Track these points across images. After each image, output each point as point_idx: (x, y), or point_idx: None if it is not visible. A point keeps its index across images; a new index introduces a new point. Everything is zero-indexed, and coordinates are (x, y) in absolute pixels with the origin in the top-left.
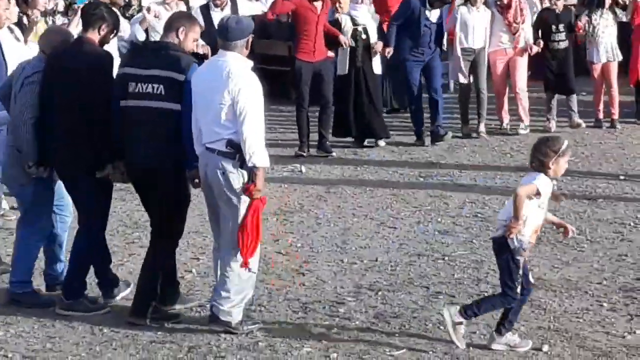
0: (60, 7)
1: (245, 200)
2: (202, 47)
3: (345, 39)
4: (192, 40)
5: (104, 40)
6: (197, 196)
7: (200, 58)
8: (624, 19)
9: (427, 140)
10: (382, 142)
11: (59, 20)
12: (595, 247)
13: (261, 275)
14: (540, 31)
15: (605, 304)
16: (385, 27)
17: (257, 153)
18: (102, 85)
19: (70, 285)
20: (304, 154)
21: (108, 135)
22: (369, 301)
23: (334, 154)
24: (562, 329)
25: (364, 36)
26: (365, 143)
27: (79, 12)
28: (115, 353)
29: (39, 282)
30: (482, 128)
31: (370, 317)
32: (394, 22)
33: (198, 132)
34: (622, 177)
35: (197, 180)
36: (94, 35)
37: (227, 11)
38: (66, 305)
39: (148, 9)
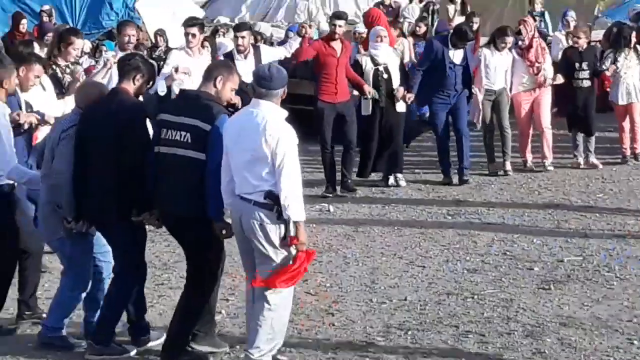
0: (87, 48)
1: (281, 251)
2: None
3: (370, 89)
4: (229, 89)
5: (139, 91)
6: (228, 243)
7: (232, 107)
8: None
9: (455, 178)
10: (401, 180)
11: (86, 62)
12: (625, 285)
13: (291, 316)
14: (564, 69)
15: (635, 342)
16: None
17: (293, 206)
18: (135, 135)
19: (101, 331)
20: (330, 195)
21: (142, 183)
22: (398, 341)
23: (358, 192)
24: None
25: (385, 75)
26: (391, 182)
27: (107, 64)
28: None
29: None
30: (508, 166)
31: (400, 357)
32: (420, 67)
33: (228, 181)
34: None
35: (224, 232)
36: (129, 86)
37: (251, 59)
38: (97, 350)
39: (176, 70)
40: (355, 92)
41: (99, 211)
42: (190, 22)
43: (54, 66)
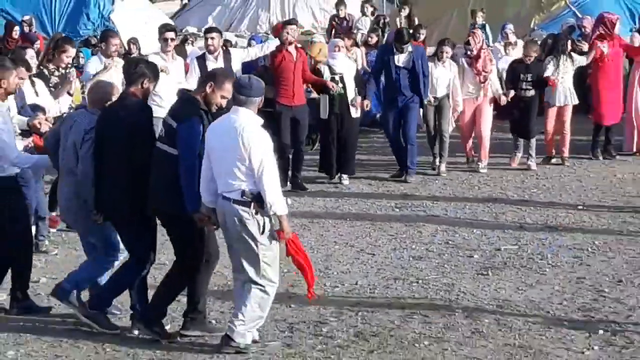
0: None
1: (261, 243)
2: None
3: (333, 84)
4: (219, 96)
5: (147, 93)
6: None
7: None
8: (582, 64)
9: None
10: (345, 179)
11: None
12: (556, 271)
13: None
14: (509, 80)
15: (565, 323)
16: None
17: (277, 202)
18: (143, 135)
19: (99, 298)
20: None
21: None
22: (349, 321)
23: (313, 187)
24: (527, 346)
25: (340, 84)
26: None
27: (108, 67)
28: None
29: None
30: (442, 168)
31: (351, 336)
32: (373, 74)
33: (208, 181)
34: (580, 207)
35: (204, 221)
36: (137, 90)
37: (221, 60)
38: (91, 314)
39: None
40: (315, 95)
41: (112, 208)
42: (167, 28)
43: (44, 70)
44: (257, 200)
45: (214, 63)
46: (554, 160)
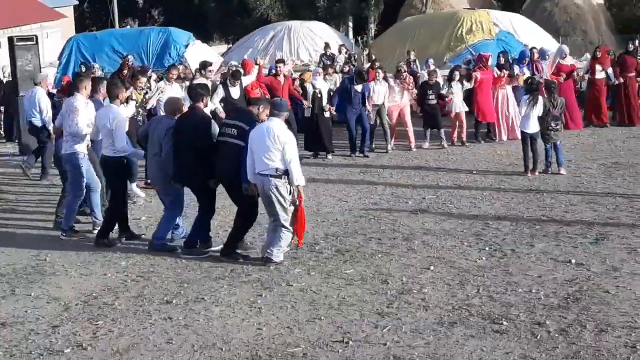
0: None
1: (287, 203)
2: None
3: (308, 103)
4: (265, 115)
5: (205, 105)
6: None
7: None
8: (469, 86)
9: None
10: (329, 156)
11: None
12: (459, 211)
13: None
14: (420, 94)
15: (465, 243)
16: None
17: (299, 177)
18: (204, 134)
19: (189, 241)
20: None
21: (208, 161)
22: (332, 242)
23: (308, 160)
24: (441, 257)
25: (319, 96)
26: (323, 155)
27: (160, 88)
28: (188, 269)
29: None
30: (389, 148)
31: (333, 252)
32: (338, 94)
33: (251, 164)
34: (474, 172)
35: (251, 191)
36: (200, 104)
37: (238, 87)
38: (186, 251)
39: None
40: (307, 104)
41: (188, 179)
42: (203, 64)
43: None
44: (286, 174)
45: (234, 89)
46: (458, 143)
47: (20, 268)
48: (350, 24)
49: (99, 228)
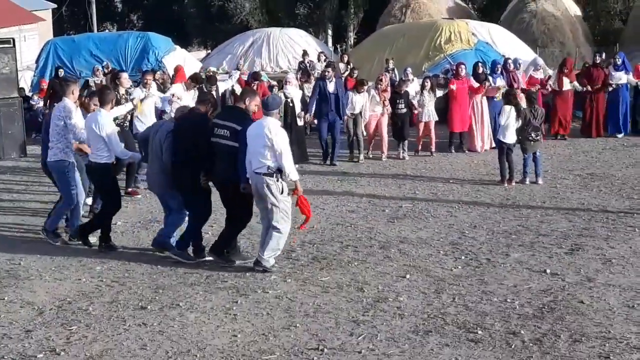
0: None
1: (281, 199)
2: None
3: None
4: (254, 105)
5: (208, 110)
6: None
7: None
8: (441, 95)
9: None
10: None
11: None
12: (436, 220)
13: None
14: (390, 103)
15: (441, 251)
16: None
17: (292, 172)
18: (201, 134)
19: (180, 243)
20: None
21: (204, 162)
22: (309, 250)
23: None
24: (417, 266)
25: (291, 104)
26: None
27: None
28: (163, 274)
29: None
30: (361, 158)
31: (309, 259)
32: (313, 97)
33: (249, 162)
34: (451, 181)
35: (247, 190)
36: (203, 107)
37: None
38: (177, 252)
39: (173, 95)
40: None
41: (181, 180)
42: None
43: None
44: (278, 172)
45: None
46: (426, 154)
47: None
48: (330, 31)
49: (75, 236)
